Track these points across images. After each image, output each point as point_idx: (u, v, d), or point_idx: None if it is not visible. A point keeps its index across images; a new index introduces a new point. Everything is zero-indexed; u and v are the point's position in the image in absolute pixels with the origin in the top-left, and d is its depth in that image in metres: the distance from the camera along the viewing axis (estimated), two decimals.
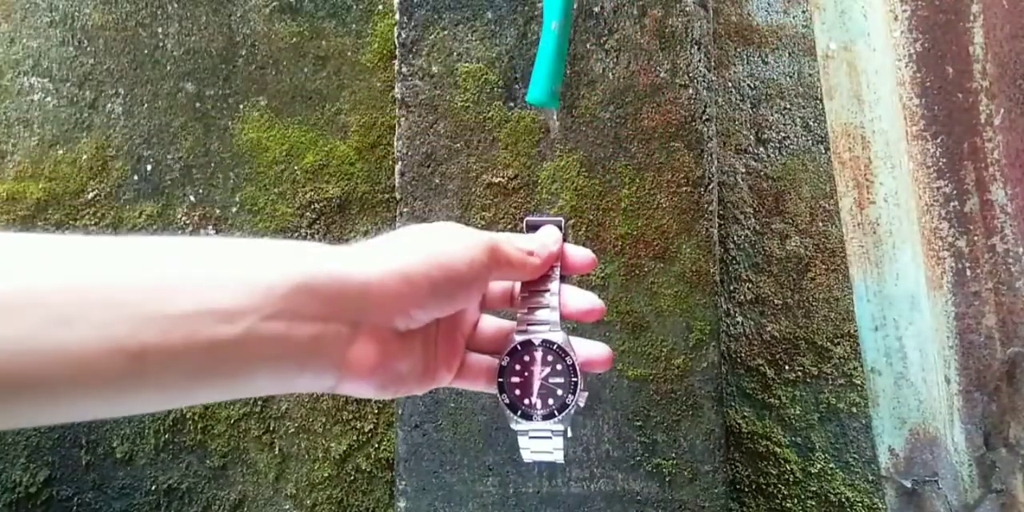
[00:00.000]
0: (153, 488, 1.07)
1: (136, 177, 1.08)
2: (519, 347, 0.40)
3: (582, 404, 0.39)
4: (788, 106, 1.15)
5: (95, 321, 0.27)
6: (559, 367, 0.39)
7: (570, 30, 0.88)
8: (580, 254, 0.43)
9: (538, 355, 0.40)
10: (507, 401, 0.39)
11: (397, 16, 0.97)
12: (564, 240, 0.43)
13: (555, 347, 0.39)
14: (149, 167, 1.08)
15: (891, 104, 0.62)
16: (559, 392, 0.39)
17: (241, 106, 1.08)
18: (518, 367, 0.40)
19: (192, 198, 1.08)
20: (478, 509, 0.95)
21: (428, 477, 0.95)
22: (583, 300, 0.42)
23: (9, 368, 0.25)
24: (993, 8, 0.58)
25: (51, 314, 0.26)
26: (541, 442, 0.39)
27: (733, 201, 1.13)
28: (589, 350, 0.41)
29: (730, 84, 1.15)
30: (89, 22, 1.08)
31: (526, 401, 0.39)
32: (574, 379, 0.39)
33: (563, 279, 0.42)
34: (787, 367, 1.12)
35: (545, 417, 0.39)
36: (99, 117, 1.08)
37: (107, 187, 1.08)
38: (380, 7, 1.10)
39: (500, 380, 0.40)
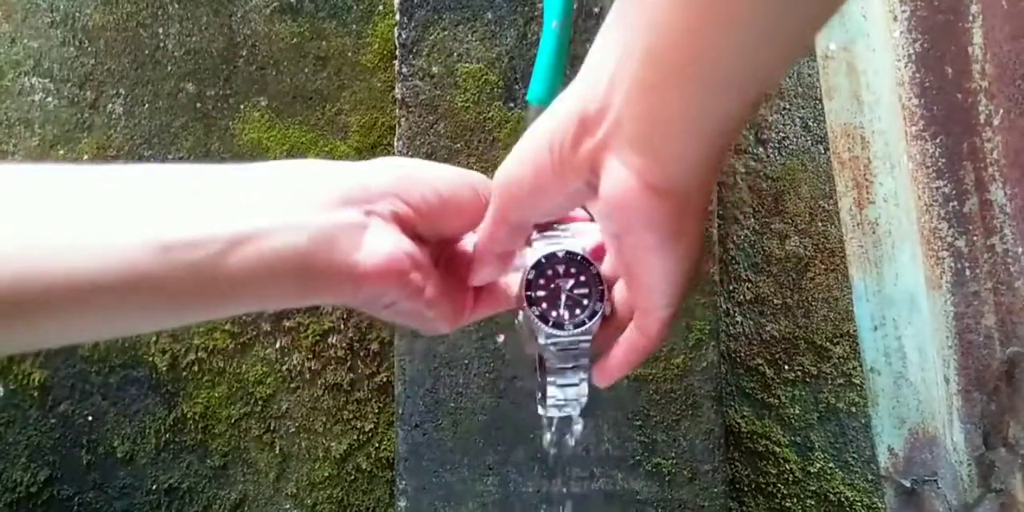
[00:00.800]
0: (154, 488, 1.07)
1: None
2: (544, 259, 0.39)
3: (608, 313, 0.39)
4: (787, 106, 1.15)
5: (117, 215, 0.29)
6: (583, 278, 0.39)
7: (570, 30, 0.88)
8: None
9: (561, 268, 0.40)
10: (538, 312, 0.39)
11: (397, 17, 0.98)
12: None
13: (579, 258, 0.39)
14: None
15: (890, 104, 0.63)
16: (585, 302, 0.39)
17: (242, 106, 1.08)
18: (543, 281, 0.39)
19: None
20: (478, 508, 0.95)
21: (428, 476, 0.96)
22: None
23: (19, 266, 0.26)
24: (992, 8, 0.58)
25: (59, 211, 0.28)
26: (568, 389, 0.40)
27: (733, 201, 1.13)
28: (595, 238, 0.41)
29: None
30: (90, 22, 1.08)
31: (554, 313, 0.39)
32: (600, 287, 0.39)
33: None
34: (786, 367, 1.12)
35: (576, 326, 0.39)
36: (100, 117, 1.08)
37: None
38: (380, 8, 1.10)
39: (528, 293, 0.39)
